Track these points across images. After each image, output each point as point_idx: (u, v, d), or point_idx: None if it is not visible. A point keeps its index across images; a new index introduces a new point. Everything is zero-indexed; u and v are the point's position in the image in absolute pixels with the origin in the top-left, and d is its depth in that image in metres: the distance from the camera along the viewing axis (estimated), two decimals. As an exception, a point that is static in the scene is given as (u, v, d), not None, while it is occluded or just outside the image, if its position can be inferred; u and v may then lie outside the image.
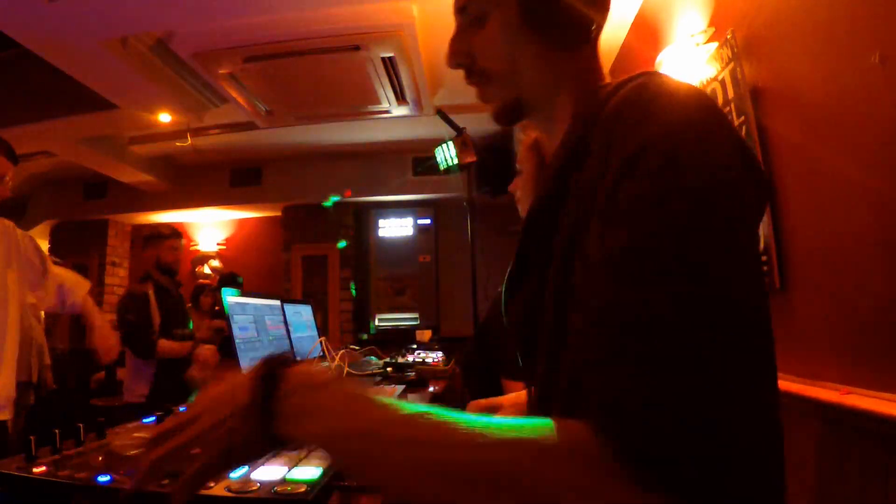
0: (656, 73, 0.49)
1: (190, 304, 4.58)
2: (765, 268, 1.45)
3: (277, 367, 0.45)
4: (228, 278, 4.65)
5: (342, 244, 5.53)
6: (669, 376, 0.34)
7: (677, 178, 0.39)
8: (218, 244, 6.11)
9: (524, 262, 0.57)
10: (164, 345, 2.64)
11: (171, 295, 2.82)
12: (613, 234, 0.40)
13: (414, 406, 0.42)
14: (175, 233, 2.87)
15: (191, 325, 2.91)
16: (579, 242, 0.45)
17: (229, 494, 0.48)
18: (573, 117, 0.55)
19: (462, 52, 0.63)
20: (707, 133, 0.42)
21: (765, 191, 0.54)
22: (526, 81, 0.60)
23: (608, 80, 0.61)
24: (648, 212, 0.39)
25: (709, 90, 1.73)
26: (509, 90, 0.61)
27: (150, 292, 2.76)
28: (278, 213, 5.81)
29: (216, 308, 4.61)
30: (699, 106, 0.44)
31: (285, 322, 1.63)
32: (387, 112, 3.94)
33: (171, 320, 2.73)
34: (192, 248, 6.09)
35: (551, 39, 0.59)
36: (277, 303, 1.65)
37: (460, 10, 0.64)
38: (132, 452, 0.55)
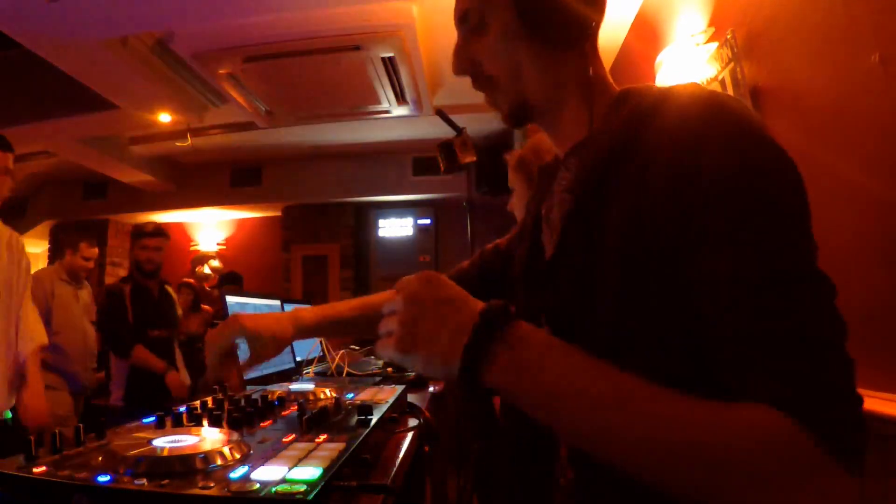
0: (707, 91, 0.52)
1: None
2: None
3: (501, 317, 0.46)
4: (230, 276, 4.66)
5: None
6: (831, 372, 0.40)
7: (774, 201, 0.45)
8: (218, 244, 6.11)
9: (564, 246, 0.59)
10: (141, 353, 2.62)
11: (151, 295, 2.80)
12: (742, 253, 0.44)
13: (624, 377, 0.43)
14: (149, 232, 2.80)
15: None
16: (645, 231, 0.49)
17: (229, 494, 0.48)
18: (609, 120, 0.59)
19: (466, 60, 0.66)
20: (778, 154, 0.48)
21: None
22: (530, 83, 0.62)
23: (608, 76, 0.65)
24: (769, 240, 0.44)
25: (709, 90, 1.73)
26: (515, 93, 0.63)
27: (127, 290, 2.74)
28: (278, 213, 5.81)
29: (201, 305, 4.64)
30: (759, 127, 0.49)
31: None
32: (387, 112, 3.94)
33: (146, 321, 2.70)
34: (192, 248, 6.10)
35: (550, 40, 0.61)
36: (277, 303, 1.65)
37: (461, 19, 0.66)
38: (132, 452, 0.55)
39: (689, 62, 1.81)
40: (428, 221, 5.68)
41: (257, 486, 0.49)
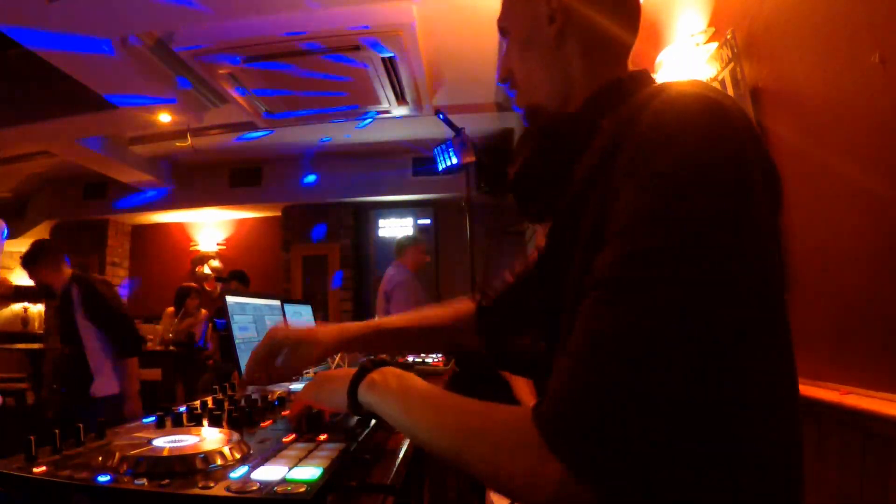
0: (670, 92, 0.49)
1: (172, 308, 4.61)
2: (765, 268, 1.46)
3: (369, 365, 0.64)
4: (237, 274, 4.66)
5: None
6: (585, 392, 0.41)
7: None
8: (218, 244, 6.11)
9: (558, 243, 0.61)
10: None
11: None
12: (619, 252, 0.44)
13: (430, 388, 0.59)
14: None
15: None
16: (601, 231, 0.48)
17: (229, 494, 0.48)
18: (605, 123, 0.57)
19: (504, 68, 0.71)
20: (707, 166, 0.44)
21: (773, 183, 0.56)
22: (540, 89, 0.67)
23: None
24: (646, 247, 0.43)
25: (709, 90, 1.73)
26: (527, 100, 0.69)
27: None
28: (278, 213, 5.81)
29: (201, 309, 4.64)
30: (707, 137, 0.45)
31: (285, 322, 1.63)
32: (387, 112, 3.94)
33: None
34: (192, 249, 6.10)
35: (592, 57, 0.64)
36: (277, 303, 1.65)
37: (501, 31, 0.71)
38: (132, 452, 0.55)
39: (689, 62, 1.81)
40: (428, 221, 5.68)
41: (257, 486, 0.49)
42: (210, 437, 0.61)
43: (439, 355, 2.78)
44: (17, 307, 6.39)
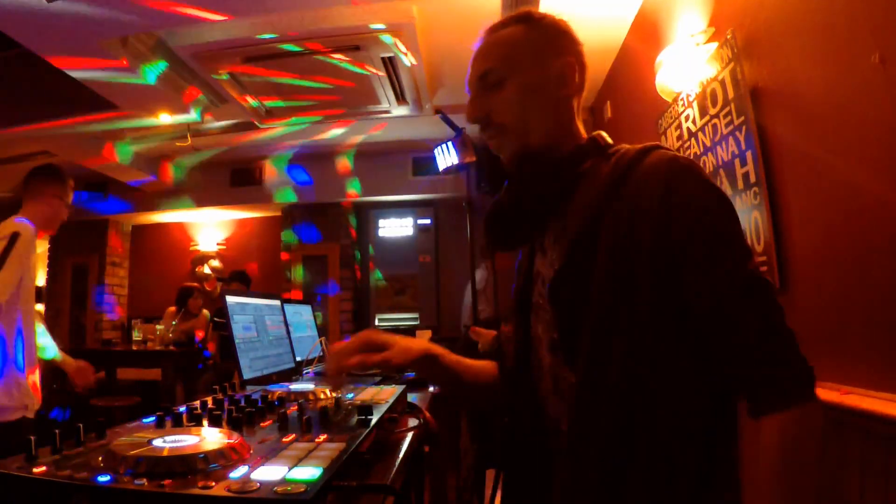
0: (669, 154, 0.71)
1: (174, 307, 4.62)
2: (764, 268, 1.45)
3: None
4: (237, 274, 4.67)
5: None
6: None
7: (728, 251, 0.66)
8: (218, 244, 6.11)
9: (571, 266, 0.73)
10: None
11: None
12: (714, 274, 0.65)
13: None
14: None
15: None
16: (625, 259, 0.67)
17: (229, 494, 0.48)
18: (598, 173, 0.75)
19: (481, 110, 0.80)
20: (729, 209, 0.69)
21: None
22: (537, 129, 0.78)
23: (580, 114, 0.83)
24: (732, 277, 0.65)
25: (709, 90, 1.73)
26: (522, 137, 0.79)
27: None
28: (278, 213, 5.81)
29: (203, 310, 4.65)
30: (712, 186, 0.70)
31: (285, 322, 1.63)
32: (387, 112, 3.94)
33: None
34: (192, 248, 6.10)
35: (558, 96, 0.78)
36: (277, 303, 1.65)
37: (480, 77, 0.80)
38: (132, 452, 0.55)
39: (689, 62, 1.81)
40: (428, 221, 5.67)
41: (257, 486, 0.49)
42: (210, 437, 0.62)
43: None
44: None
